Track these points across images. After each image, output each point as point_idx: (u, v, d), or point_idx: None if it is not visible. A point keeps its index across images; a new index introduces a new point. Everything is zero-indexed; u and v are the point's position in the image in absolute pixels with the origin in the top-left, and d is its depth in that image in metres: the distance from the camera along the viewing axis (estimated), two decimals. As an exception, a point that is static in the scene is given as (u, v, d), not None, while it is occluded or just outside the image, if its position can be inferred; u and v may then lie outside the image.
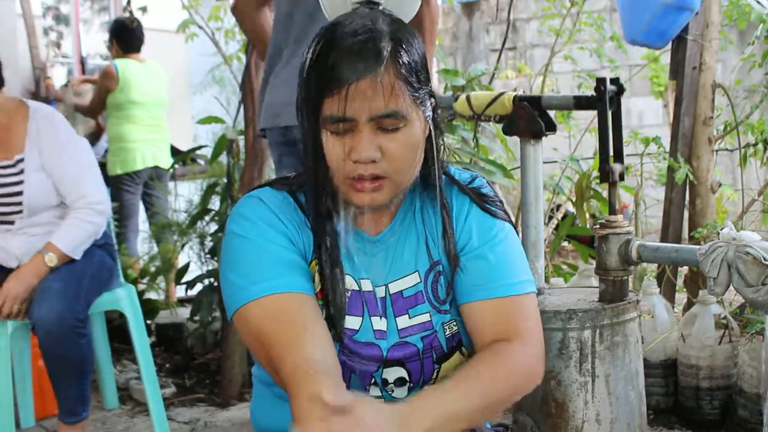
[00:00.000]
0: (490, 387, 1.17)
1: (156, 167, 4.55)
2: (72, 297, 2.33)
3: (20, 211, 2.46)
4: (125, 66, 4.45)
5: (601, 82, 1.96)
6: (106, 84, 4.44)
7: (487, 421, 1.28)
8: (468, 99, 2.23)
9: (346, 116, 1.13)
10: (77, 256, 2.44)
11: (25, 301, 2.36)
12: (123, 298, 2.64)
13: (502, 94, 2.16)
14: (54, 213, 2.50)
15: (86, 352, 2.38)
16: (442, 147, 1.27)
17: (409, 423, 1.06)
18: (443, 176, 1.29)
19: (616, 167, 1.97)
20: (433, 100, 1.23)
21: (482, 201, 1.30)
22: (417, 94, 1.17)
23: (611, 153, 1.98)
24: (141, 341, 2.67)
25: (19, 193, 2.44)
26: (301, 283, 1.20)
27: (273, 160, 2.37)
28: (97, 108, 4.64)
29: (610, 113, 1.97)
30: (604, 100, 1.95)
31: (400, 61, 1.14)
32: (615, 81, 1.98)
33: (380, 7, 1.22)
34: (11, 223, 2.48)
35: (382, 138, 1.15)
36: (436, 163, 1.25)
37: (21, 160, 2.45)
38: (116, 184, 4.41)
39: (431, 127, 1.23)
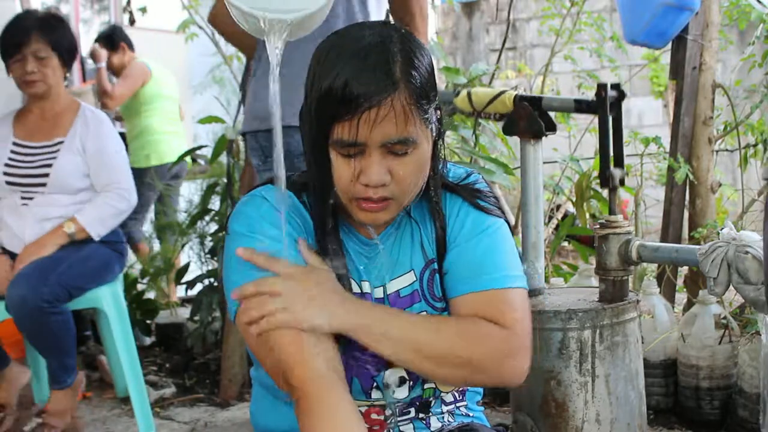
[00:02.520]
0: (444, 338, 1.16)
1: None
2: (37, 279, 2.42)
3: (43, 184, 2.60)
4: (149, 63, 4.51)
5: (602, 87, 1.96)
6: (142, 79, 4.45)
7: (434, 378, 1.26)
8: (469, 95, 2.23)
9: (357, 141, 1.12)
10: (94, 234, 2.59)
11: None
12: (105, 296, 2.64)
13: (503, 92, 2.16)
14: (72, 199, 2.62)
15: (58, 329, 2.47)
16: (442, 156, 1.26)
17: (351, 310, 1.15)
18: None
19: (617, 172, 1.97)
20: (439, 111, 1.22)
21: (475, 198, 1.29)
22: (427, 115, 1.16)
23: (612, 158, 1.98)
24: (126, 340, 2.66)
25: (48, 165, 2.60)
26: None
27: (255, 164, 2.35)
28: (124, 100, 4.60)
29: (610, 119, 1.97)
30: (605, 106, 1.95)
31: (413, 85, 1.12)
32: (616, 86, 1.98)
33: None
34: (30, 198, 2.61)
35: (391, 161, 1.14)
36: (436, 174, 1.24)
37: (60, 142, 2.64)
38: (140, 177, 4.38)
39: (435, 137, 1.22)
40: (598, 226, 2.00)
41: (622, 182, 1.99)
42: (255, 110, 2.27)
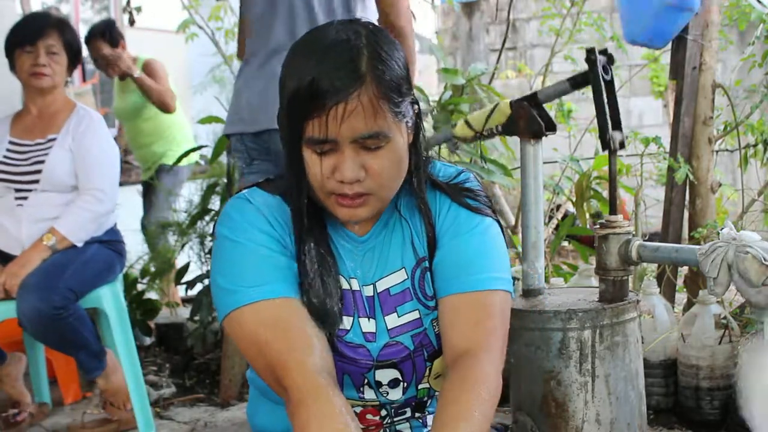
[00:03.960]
0: (484, 418, 1.13)
1: None
2: (46, 288, 2.42)
3: (36, 181, 2.60)
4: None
5: (590, 51, 1.97)
6: (165, 75, 4.19)
7: None
8: (466, 122, 2.24)
9: (327, 138, 1.12)
10: (76, 241, 2.57)
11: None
12: (105, 296, 2.64)
13: (497, 104, 2.17)
14: (65, 198, 2.62)
15: (77, 328, 2.49)
16: (425, 152, 1.26)
17: None
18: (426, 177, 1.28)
19: (616, 135, 1.96)
20: (416, 106, 1.21)
21: (464, 197, 1.28)
22: (399, 109, 1.15)
23: (610, 121, 1.97)
24: (126, 340, 2.66)
25: (41, 162, 2.61)
26: (294, 289, 1.19)
27: (240, 166, 2.34)
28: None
29: (603, 81, 1.97)
30: (597, 69, 1.95)
31: (381, 79, 1.12)
32: (603, 52, 1.99)
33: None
34: (24, 198, 2.61)
35: (365, 156, 1.14)
36: (419, 170, 1.24)
37: (53, 139, 2.65)
38: (181, 176, 4.29)
39: (414, 134, 1.22)
40: (598, 226, 1.99)
41: (622, 145, 1.98)
42: (240, 112, 2.26)
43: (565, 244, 3.98)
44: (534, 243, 2.10)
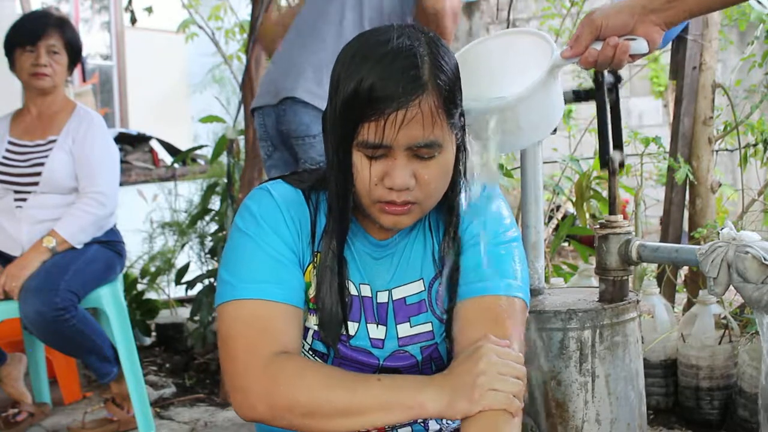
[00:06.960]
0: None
1: None
2: (47, 290, 2.41)
3: (36, 183, 2.59)
4: None
5: (598, 73, 1.96)
6: None
7: None
8: None
9: (383, 143, 1.10)
10: (76, 243, 2.57)
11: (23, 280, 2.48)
12: (105, 296, 2.64)
13: None
14: (64, 200, 2.62)
15: (80, 331, 2.48)
16: (463, 165, 1.23)
17: None
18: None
19: (616, 155, 1.96)
20: (463, 118, 1.20)
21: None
22: (453, 120, 1.14)
23: (611, 142, 1.97)
24: (126, 340, 2.66)
25: (41, 164, 2.60)
26: (291, 296, 1.18)
27: (262, 156, 2.31)
28: None
29: (608, 103, 1.96)
30: (603, 89, 1.94)
31: (441, 88, 1.11)
32: (612, 71, 1.98)
33: None
34: (24, 199, 2.61)
35: (416, 165, 1.13)
36: (457, 184, 1.22)
37: (53, 141, 2.65)
38: None
39: (459, 143, 1.20)
40: (598, 226, 1.99)
41: (622, 165, 1.97)
42: (266, 85, 2.24)
43: (565, 244, 3.98)
44: (534, 243, 2.10)
